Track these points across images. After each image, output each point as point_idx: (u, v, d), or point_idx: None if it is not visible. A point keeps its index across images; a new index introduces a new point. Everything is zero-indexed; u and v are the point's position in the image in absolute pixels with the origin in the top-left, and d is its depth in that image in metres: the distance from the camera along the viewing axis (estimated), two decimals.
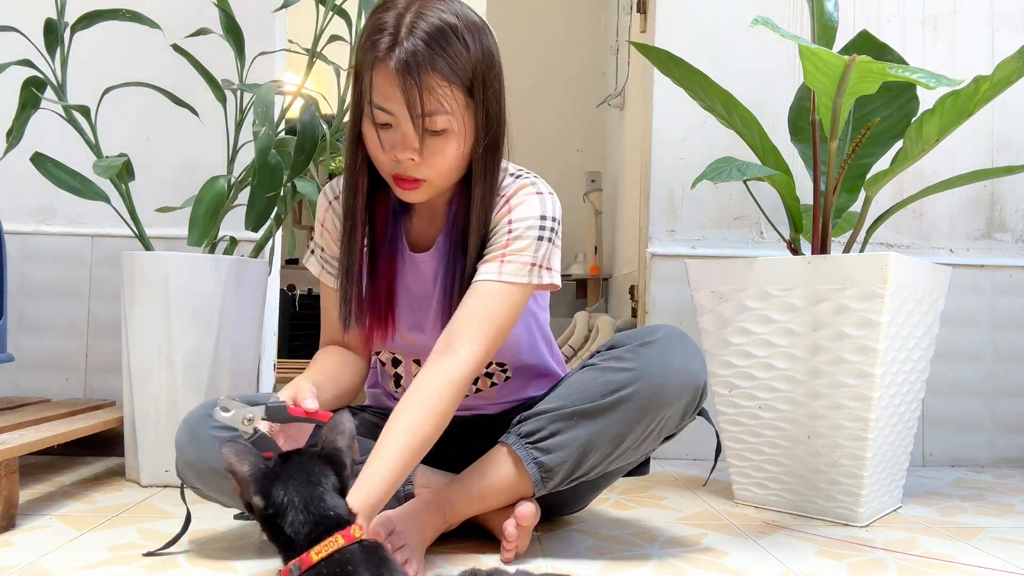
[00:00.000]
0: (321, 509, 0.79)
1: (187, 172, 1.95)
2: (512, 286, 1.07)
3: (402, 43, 0.97)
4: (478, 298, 1.07)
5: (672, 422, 1.15)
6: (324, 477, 0.82)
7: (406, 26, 0.98)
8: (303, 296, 5.14)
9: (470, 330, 1.05)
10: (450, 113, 1.01)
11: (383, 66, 0.99)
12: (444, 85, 0.99)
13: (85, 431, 1.52)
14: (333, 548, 0.76)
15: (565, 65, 4.01)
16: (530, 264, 1.08)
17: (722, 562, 1.16)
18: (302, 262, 1.26)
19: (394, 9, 1.00)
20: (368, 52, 1.00)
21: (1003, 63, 1.39)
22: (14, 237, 1.92)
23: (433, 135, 1.01)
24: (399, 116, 1.00)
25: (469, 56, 1.01)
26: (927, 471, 1.98)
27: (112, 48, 1.93)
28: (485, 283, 1.07)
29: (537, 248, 1.09)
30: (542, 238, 1.10)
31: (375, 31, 1.00)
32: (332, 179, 1.24)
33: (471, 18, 1.04)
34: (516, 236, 1.09)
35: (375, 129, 1.03)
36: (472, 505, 1.16)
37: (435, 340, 1.08)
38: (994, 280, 2.09)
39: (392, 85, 0.98)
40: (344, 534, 0.78)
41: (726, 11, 2.07)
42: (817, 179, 1.55)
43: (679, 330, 1.16)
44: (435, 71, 0.98)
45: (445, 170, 1.05)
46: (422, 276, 1.18)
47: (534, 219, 1.10)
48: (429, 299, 1.18)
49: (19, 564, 1.06)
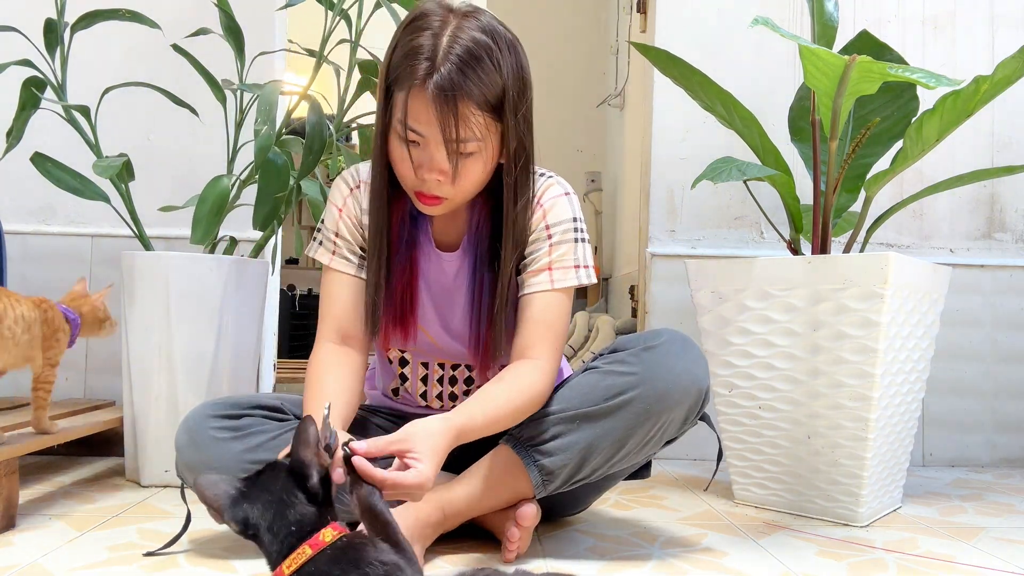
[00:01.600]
0: (285, 525, 0.79)
1: (187, 172, 1.95)
2: (564, 292, 1.14)
3: (439, 69, 0.97)
4: (539, 309, 1.12)
5: (674, 426, 1.15)
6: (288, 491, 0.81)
7: (443, 51, 0.98)
8: (303, 296, 5.13)
9: (542, 341, 1.12)
10: (480, 139, 1.02)
11: (420, 92, 0.99)
12: (477, 113, 1.00)
13: (85, 431, 1.52)
14: (302, 560, 0.77)
15: (565, 65, 4.02)
16: (574, 267, 1.14)
17: (722, 562, 1.16)
18: (307, 253, 1.24)
19: (430, 30, 1.00)
20: (404, 73, 1.00)
21: (1003, 63, 1.39)
22: (14, 237, 1.92)
23: (462, 157, 1.03)
24: (430, 139, 1.01)
25: (502, 79, 1.01)
26: (927, 471, 1.98)
27: (112, 48, 1.93)
28: (541, 294, 1.12)
29: (576, 250, 1.15)
30: (578, 240, 1.15)
31: (412, 53, 0.99)
32: (343, 171, 1.24)
33: (505, 35, 1.04)
34: (557, 242, 1.14)
35: (404, 146, 1.03)
36: (472, 506, 1.16)
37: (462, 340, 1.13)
38: (994, 280, 2.09)
39: (428, 112, 0.99)
40: (312, 543, 0.78)
41: (726, 11, 2.07)
42: (817, 179, 1.55)
43: (682, 334, 1.16)
44: (470, 99, 0.99)
45: (470, 189, 1.08)
46: (446, 275, 1.19)
47: (568, 222, 1.15)
48: (455, 297, 1.19)
49: (19, 564, 1.06)
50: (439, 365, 1.25)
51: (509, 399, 1.07)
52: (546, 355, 1.12)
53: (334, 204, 1.19)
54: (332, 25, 1.64)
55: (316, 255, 1.20)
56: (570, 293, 1.16)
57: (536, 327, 1.12)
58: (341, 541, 0.79)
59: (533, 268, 1.13)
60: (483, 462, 1.17)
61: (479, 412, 1.03)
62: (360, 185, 1.19)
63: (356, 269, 1.17)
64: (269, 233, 1.67)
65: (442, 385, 1.25)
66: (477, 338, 1.17)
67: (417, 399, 1.27)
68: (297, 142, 1.64)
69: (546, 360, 1.12)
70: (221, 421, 1.13)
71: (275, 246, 1.85)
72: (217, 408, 1.15)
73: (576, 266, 1.14)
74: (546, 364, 1.11)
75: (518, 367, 1.11)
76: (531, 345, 1.11)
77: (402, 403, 1.30)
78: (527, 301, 1.13)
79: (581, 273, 1.15)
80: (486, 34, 1.01)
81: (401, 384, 1.27)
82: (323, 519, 0.81)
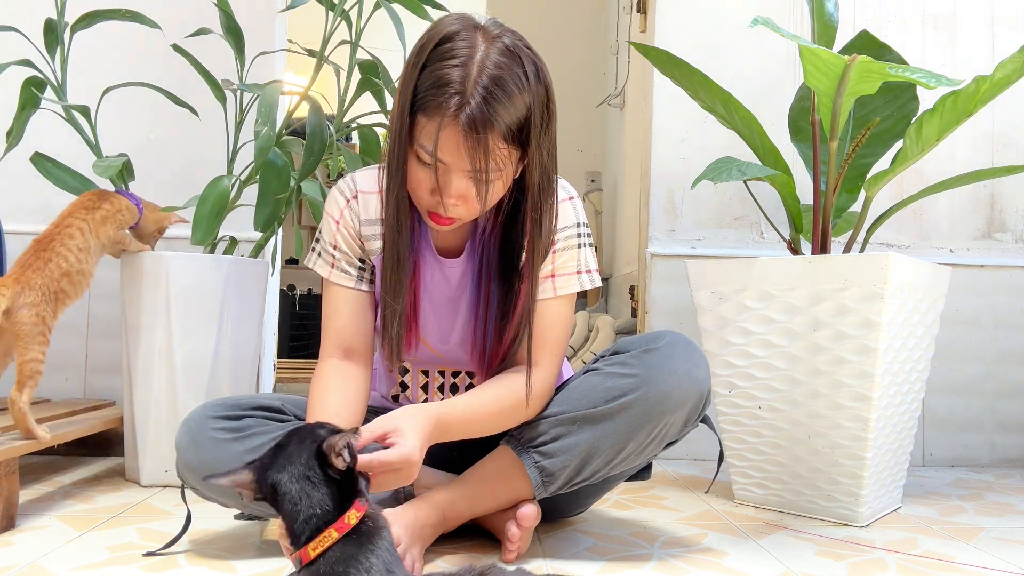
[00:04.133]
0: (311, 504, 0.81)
1: (187, 172, 1.95)
2: (567, 298, 1.15)
3: (469, 102, 0.95)
4: (543, 316, 1.13)
5: (675, 428, 1.14)
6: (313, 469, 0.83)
7: (472, 83, 0.95)
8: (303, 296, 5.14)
9: (541, 349, 1.12)
10: (503, 168, 1.01)
11: (452, 125, 0.96)
12: (503, 147, 0.99)
13: (85, 431, 1.52)
14: (329, 543, 0.79)
15: (565, 65, 4.02)
16: (576, 272, 1.14)
17: (722, 562, 1.16)
18: (305, 263, 1.22)
19: (458, 59, 0.97)
20: (433, 104, 0.97)
21: (1003, 63, 1.39)
22: (14, 237, 1.91)
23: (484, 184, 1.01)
24: (453, 167, 0.99)
25: (531, 113, 0.99)
26: (927, 471, 1.98)
27: (112, 48, 1.93)
28: (543, 302, 1.13)
29: (579, 256, 1.15)
30: (581, 245, 1.15)
31: (441, 84, 0.96)
32: (339, 178, 1.22)
33: (535, 63, 1.01)
34: (561, 249, 1.14)
35: (425, 170, 1.02)
36: (473, 507, 1.16)
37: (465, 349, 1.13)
38: (994, 280, 2.09)
39: (457, 145, 0.97)
40: (338, 526, 0.80)
41: (726, 11, 2.07)
42: (817, 179, 1.55)
43: (683, 336, 1.16)
44: (498, 133, 0.97)
45: (480, 210, 1.05)
46: (449, 281, 1.17)
47: (572, 228, 1.14)
48: (458, 305, 1.18)
49: (19, 564, 1.06)
50: (439, 373, 1.24)
51: (496, 396, 1.10)
52: (545, 362, 1.12)
53: (331, 216, 1.16)
54: (332, 26, 1.64)
55: (315, 267, 1.18)
56: (573, 299, 1.16)
57: (539, 333, 1.12)
58: (366, 526, 0.82)
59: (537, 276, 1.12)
60: (483, 463, 1.17)
61: (461, 403, 1.07)
62: (357, 195, 1.16)
63: (356, 282, 1.15)
64: (269, 233, 1.68)
65: (443, 393, 1.25)
66: (483, 349, 1.16)
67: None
68: (297, 142, 1.64)
69: (544, 366, 1.12)
70: (222, 422, 1.13)
71: (275, 246, 1.85)
72: (218, 409, 1.15)
73: (579, 272, 1.14)
74: (544, 370, 1.12)
75: (514, 372, 1.12)
76: (533, 351, 1.11)
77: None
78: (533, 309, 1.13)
79: (584, 279, 1.15)
80: (515, 61, 0.98)
81: (402, 392, 1.27)
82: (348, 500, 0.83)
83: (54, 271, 1.34)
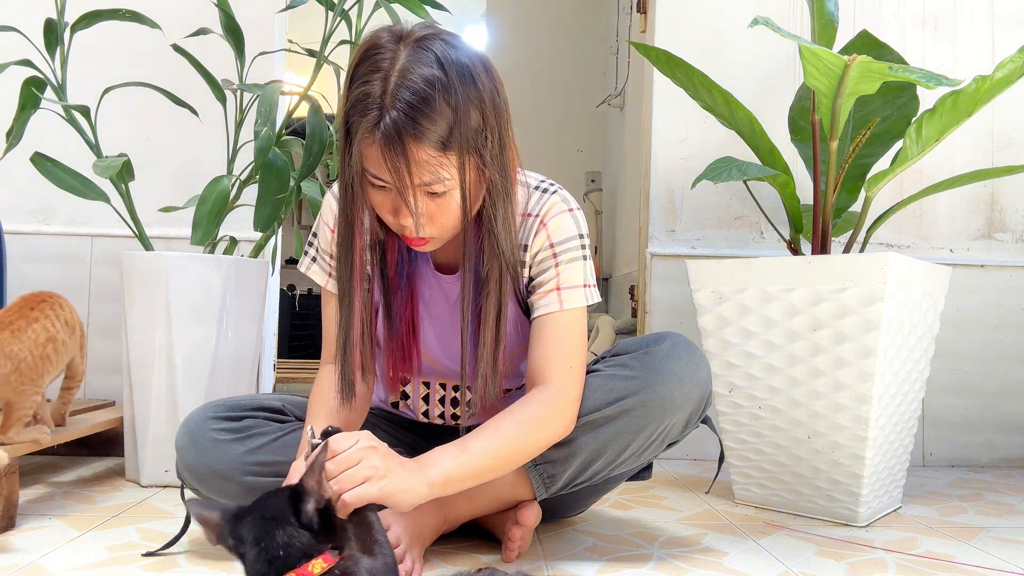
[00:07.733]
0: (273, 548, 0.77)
1: (187, 172, 1.95)
2: (575, 311, 1.10)
3: (386, 116, 0.90)
4: (552, 331, 1.09)
5: (676, 430, 1.14)
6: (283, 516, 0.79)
7: (389, 95, 0.90)
8: (303, 296, 5.13)
9: (554, 365, 1.08)
10: (446, 178, 0.95)
11: (371, 140, 0.92)
12: (435, 155, 0.93)
13: (85, 431, 1.52)
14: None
15: (565, 65, 4.01)
16: (582, 286, 1.11)
17: (722, 562, 1.16)
18: (300, 270, 1.20)
19: (379, 72, 0.92)
20: (356, 120, 0.93)
21: (1003, 63, 1.39)
22: (14, 237, 1.92)
23: (431, 197, 0.97)
24: (397, 186, 0.94)
25: (459, 116, 0.93)
26: (927, 471, 1.98)
27: (112, 48, 1.93)
28: (551, 316, 1.09)
29: (584, 268, 1.11)
30: (585, 257, 1.12)
31: (362, 99, 0.92)
32: (332, 186, 1.22)
33: (462, 63, 0.94)
34: (564, 262, 1.10)
35: (375, 192, 0.98)
36: (473, 507, 1.16)
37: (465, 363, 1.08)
38: (994, 280, 2.09)
39: (380, 161, 0.93)
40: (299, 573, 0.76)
41: (726, 11, 2.07)
42: (817, 179, 1.55)
43: (685, 338, 1.15)
44: (422, 142, 0.91)
45: (451, 225, 1.01)
46: (447, 296, 1.16)
47: (574, 240, 1.11)
48: (454, 319, 1.15)
49: (19, 564, 1.06)
50: (440, 385, 1.24)
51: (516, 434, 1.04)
52: (560, 377, 1.07)
53: (325, 223, 1.14)
54: (332, 25, 1.64)
55: (311, 274, 1.17)
56: (583, 312, 1.12)
57: (547, 349, 1.08)
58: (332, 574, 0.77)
59: (541, 290, 1.10)
60: None
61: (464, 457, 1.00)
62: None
63: None
64: (269, 233, 1.68)
65: (443, 405, 1.24)
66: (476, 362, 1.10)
67: (419, 416, 1.27)
68: (297, 142, 1.64)
69: (563, 383, 1.07)
70: (222, 423, 1.13)
71: (275, 246, 1.85)
72: (218, 410, 1.15)
73: (584, 285, 1.11)
74: (562, 387, 1.07)
75: (529, 398, 1.07)
76: (544, 369, 1.08)
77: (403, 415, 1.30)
78: (538, 324, 1.10)
79: (588, 293, 1.12)
80: (438, 67, 0.92)
81: (402, 400, 1.27)
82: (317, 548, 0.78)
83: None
